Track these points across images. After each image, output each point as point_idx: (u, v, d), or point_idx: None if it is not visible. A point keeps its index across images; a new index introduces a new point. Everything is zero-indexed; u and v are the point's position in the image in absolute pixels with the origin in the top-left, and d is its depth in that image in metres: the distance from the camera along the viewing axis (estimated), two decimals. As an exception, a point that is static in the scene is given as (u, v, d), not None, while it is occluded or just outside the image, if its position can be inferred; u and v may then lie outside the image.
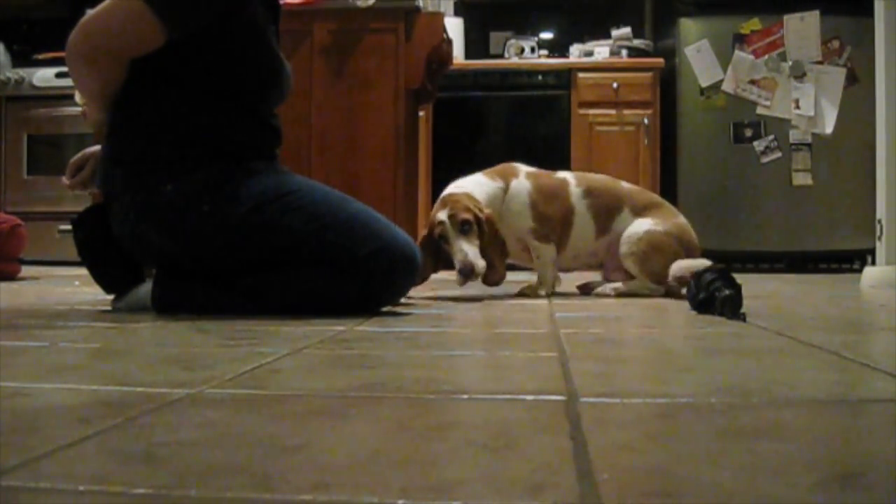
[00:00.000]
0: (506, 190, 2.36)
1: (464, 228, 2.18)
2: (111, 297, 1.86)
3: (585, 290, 2.46)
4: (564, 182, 2.45)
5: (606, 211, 2.43)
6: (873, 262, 3.19)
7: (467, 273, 2.15)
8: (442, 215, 2.21)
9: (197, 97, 1.77)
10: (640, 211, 2.43)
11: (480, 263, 2.16)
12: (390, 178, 3.21)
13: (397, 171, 3.22)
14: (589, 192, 2.43)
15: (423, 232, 2.36)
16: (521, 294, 2.35)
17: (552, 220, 2.38)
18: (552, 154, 4.67)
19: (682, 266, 2.26)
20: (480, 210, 2.23)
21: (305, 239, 1.73)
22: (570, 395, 0.84)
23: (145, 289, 1.80)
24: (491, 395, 0.86)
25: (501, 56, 5.22)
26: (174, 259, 1.79)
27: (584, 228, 2.42)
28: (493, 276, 2.24)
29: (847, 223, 4.40)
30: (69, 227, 1.90)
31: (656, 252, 2.34)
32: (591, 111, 4.73)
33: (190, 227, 1.74)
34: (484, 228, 2.21)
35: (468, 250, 2.16)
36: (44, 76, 4.82)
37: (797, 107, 4.46)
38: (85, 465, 0.59)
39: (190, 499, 0.51)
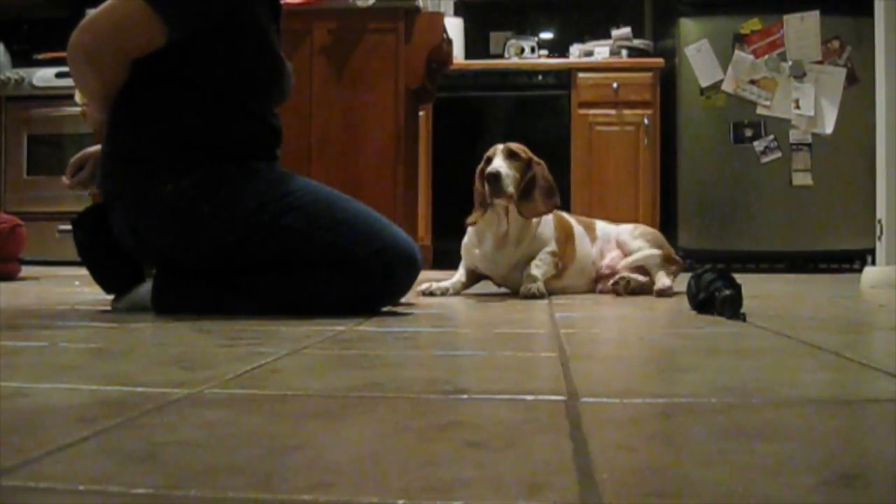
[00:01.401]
0: None
1: (511, 154, 2.33)
2: (111, 297, 1.86)
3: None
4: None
5: (589, 223, 2.73)
6: (873, 262, 3.19)
7: (492, 179, 2.22)
8: (497, 146, 2.36)
9: (198, 97, 1.77)
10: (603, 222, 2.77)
11: (508, 180, 2.25)
12: (390, 178, 3.21)
13: (397, 172, 3.22)
14: (571, 217, 2.74)
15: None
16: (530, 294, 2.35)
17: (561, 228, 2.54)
18: (552, 154, 4.64)
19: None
20: (533, 156, 2.39)
21: (305, 239, 1.73)
22: (570, 395, 0.84)
23: (145, 289, 1.80)
24: (491, 395, 0.86)
25: (501, 56, 5.22)
26: (174, 259, 1.79)
27: (582, 237, 2.61)
28: (530, 208, 2.31)
29: (847, 223, 4.40)
30: (69, 227, 1.90)
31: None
32: (591, 111, 4.73)
33: (190, 228, 1.74)
34: (534, 170, 2.35)
35: (501, 165, 2.27)
36: (44, 76, 4.82)
37: (797, 107, 4.46)
38: (85, 465, 0.59)
39: (190, 499, 0.51)
